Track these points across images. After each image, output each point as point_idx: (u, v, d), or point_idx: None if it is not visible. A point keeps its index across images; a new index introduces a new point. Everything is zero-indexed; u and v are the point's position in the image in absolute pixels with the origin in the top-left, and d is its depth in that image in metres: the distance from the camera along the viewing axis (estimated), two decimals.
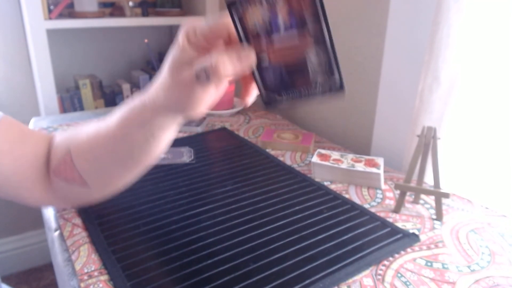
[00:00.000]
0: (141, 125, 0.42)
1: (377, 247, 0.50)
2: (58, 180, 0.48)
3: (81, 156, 0.46)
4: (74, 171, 0.46)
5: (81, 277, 0.45)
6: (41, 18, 1.01)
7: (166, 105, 0.40)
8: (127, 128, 0.43)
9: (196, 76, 0.36)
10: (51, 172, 0.48)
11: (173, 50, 0.38)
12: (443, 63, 0.65)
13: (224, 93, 0.72)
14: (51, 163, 0.48)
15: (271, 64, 0.37)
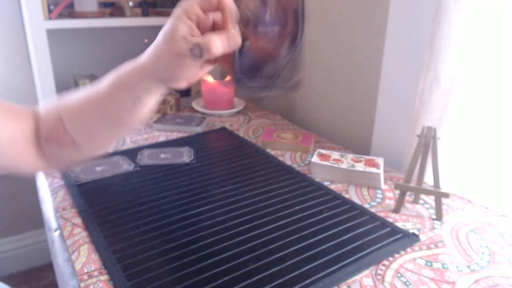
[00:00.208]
0: (129, 88, 0.46)
1: (377, 247, 0.50)
2: (50, 146, 0.51)
3: (73, 119, 0.50)
4: (66, 136, 0.50)
5: (81, 277, 0.45)
6: (41, 18, 1.01)
7: (155, 71, 0.44)
8: (117, 89, 0.47)
9: (190, 49, 0.39)
10: (43, 140, 0.51)
11: (170, 21, 0.41)
12: (443, 63, 0.65)
13: (224, 93, 0.79)
14: (42, 132, 0.51)
15: (249, 51, 0.40)
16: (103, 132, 0.51)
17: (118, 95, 0.47)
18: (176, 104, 1.02)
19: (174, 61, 0.42)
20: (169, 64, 0.42)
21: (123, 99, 0.47)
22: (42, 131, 0.51)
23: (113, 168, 0.70)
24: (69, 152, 0.51)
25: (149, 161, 0.72)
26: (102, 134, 0.51)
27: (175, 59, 0.42)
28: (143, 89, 0.46)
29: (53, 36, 1.25)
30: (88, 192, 0.62)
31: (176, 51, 0.41)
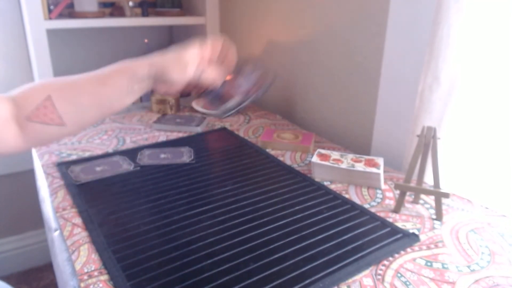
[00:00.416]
0: (131, 73, 0.55)
1: (377, 247, 0.50)
2: (34, 124, 0.54)
3: (64, 99, 0.54)
4: (54, 114, 0.54)
5: (81, 277, 0.45)
6: (41, 18, 1.01)
7: (159, 68, 0.55)
8: (120, 74, 0.55)
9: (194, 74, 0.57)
10: (25, 118, 0.53)
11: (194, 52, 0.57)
12: (443, 63, 0.65)
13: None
14: (25, 110, 0.53)
15: (221, 89, 0.61)
16: (90, 114, 0.55)
17: (118, 80, 0.55)
18: (176, 104, 1.02)
19: (178, 73, 0.56)
20: (174, 72, 0.56)
21: (120, 84, 0.55)
22: (25, 108, 0.53)
23: (113, 168, 0.70)
24: (52, 130, 0.54)
25: (149, 161, 0.72)
26: (89, 116, 0.56)
27: (180, 72, 0.56)
28: (141, 78, 0.56)
29: (53, 36, 1.25)
30: (88, 192, 0.62)
31: (185, 68, 0.56)
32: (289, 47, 1.01)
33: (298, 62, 0.99)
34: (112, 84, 0.55)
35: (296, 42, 0.99)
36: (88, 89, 0.54)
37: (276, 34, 1.06)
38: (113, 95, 0.55)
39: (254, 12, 1.13)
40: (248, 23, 1.17)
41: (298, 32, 0.97)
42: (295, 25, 0.98)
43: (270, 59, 1.10)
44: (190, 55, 0.57)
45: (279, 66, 1.07)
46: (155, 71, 0.56)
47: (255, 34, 1.14)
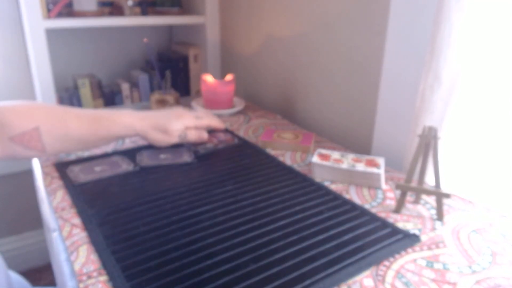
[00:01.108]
0: (116, 137, 0.65)
1: (378, 247, 0.50)
2: (15, 144, 0.57)
3: (52, 134, 0.59)
4: (38, 143, 0.58)
5: (80, 277, 0.44)
6: (40, 17, 1.00)
7: (142, 134, 0.67)
8: (105, 129, 0.63)
9: (179, 136, 0.70)
10: (7, 139, 0.57)
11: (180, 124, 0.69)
12: (444, 62, 0.65)
13: (224, 93, 0.90)
14: (10, 131, 0.56)
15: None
16: (72, 148, 0.63)
17: (104, 132, 0.63)
18: (175, 103, 1.02)
19: (162, 139, 0.68)
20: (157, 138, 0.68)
21: (105, 136, 0.63)
22: (10, 130, 0.56)
23: (112, 168, 0.69)
24: (31, 153, 0.59)
25: (149, 162, 0.72)
26: (71, 149, 0.63)
27: (163, 138, 0.68)
28: (123, 137, 0.66)
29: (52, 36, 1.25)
30: (87, 192, 0.62)
31: (170, 140, 0.69)
32: (289, 46, 1.01)
33: (298, 62, 0.99)
34: (99, 133, 0.62)
35: (296, 42, 0.99)
36: (76, 131, 0.60)
37: (276, 34, 1.05)
38: (96, 141, 0.63)
39: (254, 12, 1.13)
40: (248, 23, 1.16)
41: (298, 32, 0.97)
42: (295, 25, 0.97)
43: (270, 58, 1.10)
44: (175, 126, 0.67)
45: (279, 66, 1.07)
46: (138, 134, 0.65)
47: (255, 34, 1.14)
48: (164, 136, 0.67)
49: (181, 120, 0.69)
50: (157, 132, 0.66)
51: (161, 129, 0.67)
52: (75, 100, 1.23)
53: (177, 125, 0.68)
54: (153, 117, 0.67)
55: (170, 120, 0.67)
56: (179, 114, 0.70)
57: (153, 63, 1.06)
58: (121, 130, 0.64)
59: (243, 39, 1.21)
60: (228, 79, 1.02)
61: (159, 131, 0.66)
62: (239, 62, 1.26)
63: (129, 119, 0.65)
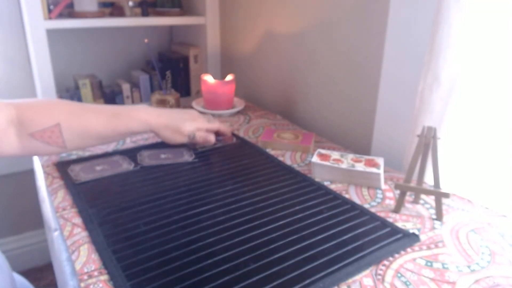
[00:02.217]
0: (130, 133, 0.66)
1: (377, 247, 0.50)
2: (35, 140, 0.58)
3: (72, 130, 0.60)
4: (59, 138, 0.60)
5: (81, 277, 0.45)
6: (41, 18, 1.01)
7: (155, 130, 0.68)
8: (120, 131, 0.65)
9: (188, 136, 0.71)
10: (28, 135, 0.58)
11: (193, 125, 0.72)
12: (444, 63, 0.65)
13: (224, 93, 0.91)
14: (30, 127, 0.58)
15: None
16: (91, 143, 0.64)
17: (121, 127, 0.64)
18: (176, 104, 1.02)
19: (172, 137, 0.70)
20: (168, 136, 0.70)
21: (122, 135, 0.65)
22: (31, 127, 0.58)
23: (113, 168, 0.69)
24: (51, 149, 0.60)
25: (150, 161, 0.72)
26: (90, 144, 0.64)
27: (174, 136, 0.70)
28: (136, 132, 0.67)
29: (53, 36, 1.25)
30: (88, 192, 0.62)
31: (180, 139, 0.71)
32: (290, 47, 1.01)
33: (298, 62, 0.99)
34: (118, 129, 0.64)
35: (296, 42, 0.99)
36: (95, 127, 0.62)
37: (276, 34, 1.05)
38: (115, 136, 0.65)
39: (254, 13, 1.13)
40: (248, 23, 1.17)
41: (298, 32, 0.97)
42: (295, 25, 0.98)
43: (270, 59, 1.10)
44: (188, 128, 0.70)
45: (279, 66, 1.07)
46: (152, 131, 0.68)
47: (255, 34, 1.14)
48: (175, 134, 0.69)
49: (195, 123, 0.72)
50: (169, 130, 0.69)
51: (174, 128, 0.69)
52: (76, 100, 1.23)
53: (190, 126, 0.71)
54: (168, 116, 0.69)
55: (184, 121, 0.70)
56: (193, 118, 0.73)
57: (154, 64, 1.07)
58: (138, 126, 0.65)
59: (243, 40, 1.21)
60: (228, 79, 1.02)
61: (171, 130, 0.69)
62: (239, 63, 1.26)
63: (146, 116, 0.66)
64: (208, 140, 0.75)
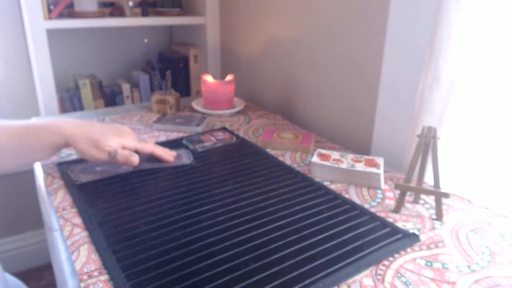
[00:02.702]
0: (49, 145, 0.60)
1: (377, 247, 0.50)
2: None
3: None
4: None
5: (81, 277, 0.45)
6: (41, 18, 1.01)
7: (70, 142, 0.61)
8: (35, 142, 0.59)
9: (108, 153, 0.62)
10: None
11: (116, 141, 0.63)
12: (444, 63, 0.65)
13: (224, 93, 0.88)
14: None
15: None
16: (10, 164, 0.60)
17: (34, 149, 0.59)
18: (176, 104, 1.02)
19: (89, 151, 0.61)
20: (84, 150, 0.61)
21: (37, 150, 0.60)
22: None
23: (112, 168, 0.69)
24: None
25: (148, 165, 0.71)
26: (8, 165, 0.60)
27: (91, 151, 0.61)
28: (54, 146, 0.61)
29: (53, 36, 1.25)
30: (88, 192, 0.62)
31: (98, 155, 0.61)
32: (289, 47, 1.01)
33: (298, 62, 0.99)
34: (30, 143, 0.59)
35: (296, 42, 0.99)
36: (7, 143, 0.58)
37: (276, 34, 1.06)
38: (30, 152, 0.60)
39: (254, 12, 1.13)
40: (248, 23, 1.17)
41: (298, 32, 0.97)
42: (295, 25, 0.98)
43: (270, 59, 1.10)
44: (109, 142, 0.61)
45: (279, 66, 1.07)
46: (68, 142, 0.60)
47: (255, 34, 1.14)
48: (93, 149, 0.60)
49: (119, 138, 0.63)
50: (87, 142, 0.60)
51: (93, 141, 0.60)
52: (76, 101, 1.23)
53: (112, 141, 0.62)
54: (90, 127, 0.62)
55: (106, 135, 0.62)
56: (120, 132, 0.65)
57: (154, 64, 1.07)
58: (52, 137, 0.59)
59: (243, 40, 1.21)
60: (228, 79, 1.02)
61: (90, 142, 0.60)
62: (239, 63, 1.26)
63: (62, 125, 0.60)
64: (130, 161, 0.64)
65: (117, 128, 0.65)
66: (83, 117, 0.98)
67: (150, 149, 0.68)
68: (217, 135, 0.86)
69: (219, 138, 0.83)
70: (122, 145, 0.64)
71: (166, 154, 0.71)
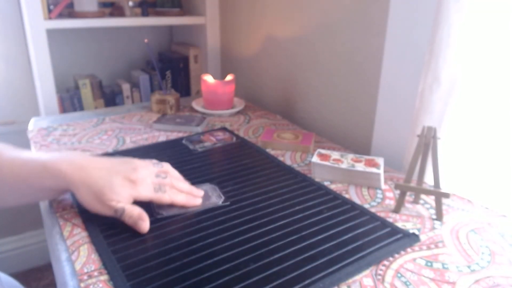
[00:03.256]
0: (48, 189, 0.53)
1: (377, 247, 0.50)
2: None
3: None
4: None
5: (81, 277, 0.45)
6: (41, 18, 1.01)
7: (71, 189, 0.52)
8: (33, 182, 0.51)
9: (114, 210, 0.51)
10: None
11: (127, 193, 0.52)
12: (444, 63, 0.65)
13: (224, 93, 0.86)
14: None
15: None
16: (5, 199, 0.54)
17: (34, 188, 0.52)
18: (176, 104, 1.02)
19: (90, 203, 0.52)
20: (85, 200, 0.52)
21: (38, 192, 0.54)
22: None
23: None
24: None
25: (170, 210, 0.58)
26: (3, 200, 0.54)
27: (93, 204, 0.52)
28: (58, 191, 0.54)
29: (53, 36, 1.25)
30: None
31: (103, 210, 0.52)
32: (289, 47, 1.01)
33: (298, 62, 0.99)
34: (28, 180, 0.51)
35: (296, 42, 0.99)
36: (5, 173, 0.51)
37: (276, 34, 1.05)
38: (31, 192, 0.53)
39: (254, 12, 1.13)
40: (248, 23, 1.17)
41: (298, 32, 0.97)
42: (295, 25, 0.98)
43: (270, 58, 1.10)
44: (115, 196, 0.50)
45: (279, 66, 1.07)
46: (67, 188, 0.52)
47: (255, 34, 1.14)
48: (96, 203, 0.51)
49: (129, 189, 0.51)
50: (90, 193, 0.50)
51: (96, 194, 0.50)
52: (76, 101, 1.23)
53: (120, 194, 0.50)
54: (93, 170, 0.51)
55: (113, 185, 0.50)
56: (132, 179, 0.52)
57: (154, 64, 1.07)
58: (51, 180, 0.50)
59: (243, 40, 1.21)
60: (228, 79, 1.02)
61: (92, 194, 0.50)
62: (239, 63, 1.26)
63: (63, 167, 0.50)
64: (138, 226, 0.51)
65: (129, 172, 0.52)
66: (83, 117, 0.98)
67: (168, 200, 0.55)
68: (217, 135, 0.86)
69: (219, 138, 0.83)
70: (133, 198, 0.52)
71: (190, 200, 0.57)
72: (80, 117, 0.98)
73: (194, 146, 0.80)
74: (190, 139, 0.84)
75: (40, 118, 0.97)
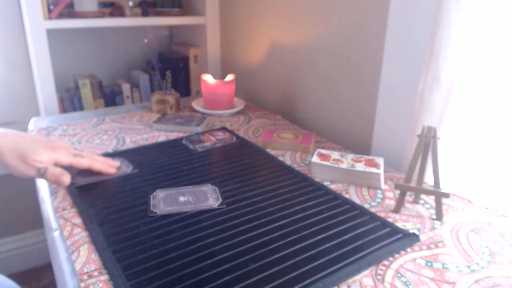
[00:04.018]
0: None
1: (377, 247, 0.50)
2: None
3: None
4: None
5: (81, 277, 0.45)
6: (41, 18, 1.01)
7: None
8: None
9: (37, 170, 0.56)
10: None
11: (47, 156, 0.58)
12: (444, 63, 0.65)
13: (224, 93, 0.87)
14: None
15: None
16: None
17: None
18: (176, 104, 1.02)
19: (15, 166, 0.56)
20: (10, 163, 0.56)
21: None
22: None
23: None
24: None
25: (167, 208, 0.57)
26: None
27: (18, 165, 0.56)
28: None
29: (53, 36, 1.25)
30: (88, 192, 0.62)
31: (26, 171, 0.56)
32: (289, 46, 1.01)
33: (298, 62, 0.99)
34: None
35: (296, 42, 0.99)
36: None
37: (276, 34, 1.06)
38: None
39: (254, 12, 1.13)
40: (248, 23, 1.17)
41: (298, 32, 0.97)
42: (295, 25, 0.98)
43: (270, 58, 1.10)
44: (39, 157, 0.56)
45: (279, 66, 1.07)
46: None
47: (255, 34, 1.14)
48: (21, 164, 0.55)
49: (51, 153, 0.58)
50: (15, 156, 0.55)
51: (21, 155, 0.55)
52: (76, 101, 1.23)
53: (42, 156, 0.57)
54: (18, 138, 0.57)
55: (36, 149, 0.56)
56: (53, 146, 0.59)
57: (154, 64, 1.07)
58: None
59: (243, 40, 1.21)
60: (228, 79, 1.02)
61: (17, 156, 0.55)
62: (239, 63, 1.26)
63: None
64: (60, 181, 0.57)
65: (50, 142, 0.60)
66: (83, 117, 0.98)
67: (86, 164, 0.62)
68: (217, 135, 0.86)
69: (219, 138, 0.83)
70: (54, 160, 0.58)
71: (106, 167, 0.65)
72: (80, 117, 0.98)
73: (194, 146, 0.80)
74: (190, 139, 0.84)
75: (40, 118, 0.97)
